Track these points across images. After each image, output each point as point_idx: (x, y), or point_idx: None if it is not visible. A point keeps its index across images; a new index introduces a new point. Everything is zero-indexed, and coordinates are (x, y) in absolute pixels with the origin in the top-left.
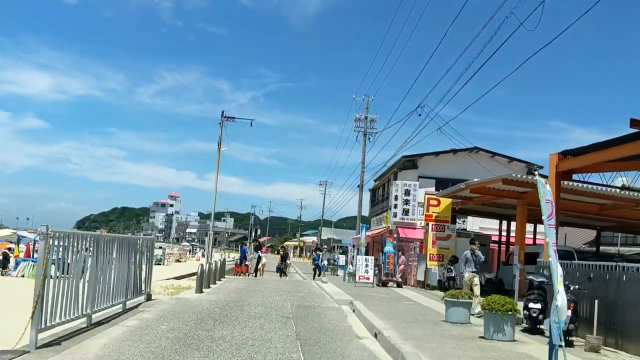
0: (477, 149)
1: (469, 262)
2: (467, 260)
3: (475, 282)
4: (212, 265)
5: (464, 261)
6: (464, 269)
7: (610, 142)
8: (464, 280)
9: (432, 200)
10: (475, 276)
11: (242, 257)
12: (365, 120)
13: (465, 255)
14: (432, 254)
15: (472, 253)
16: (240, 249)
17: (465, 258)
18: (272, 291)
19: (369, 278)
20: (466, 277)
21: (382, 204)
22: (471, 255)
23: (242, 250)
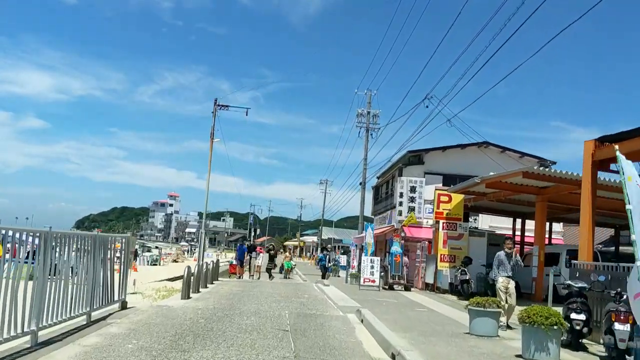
0: (487, 143)
1: (502, 265)
2: (500, 262)
3: (511, 289)
4: (204, 266)
5: (496, 264)
6: (497, 273)
7: None
8: (498, 287)
9: (442, 197)
10: (511, 282)
11: (240, 257)
12: (367, 116)
13: (498, 257)
14: (443, 254)
15: (506, 254)
16: (238, 248)
17: (498, 260)
18: (269, 296)
19: (374, 281)
20: (500, 283)
21: (385, 202)
22: (506, 257)
23: (240, 249)
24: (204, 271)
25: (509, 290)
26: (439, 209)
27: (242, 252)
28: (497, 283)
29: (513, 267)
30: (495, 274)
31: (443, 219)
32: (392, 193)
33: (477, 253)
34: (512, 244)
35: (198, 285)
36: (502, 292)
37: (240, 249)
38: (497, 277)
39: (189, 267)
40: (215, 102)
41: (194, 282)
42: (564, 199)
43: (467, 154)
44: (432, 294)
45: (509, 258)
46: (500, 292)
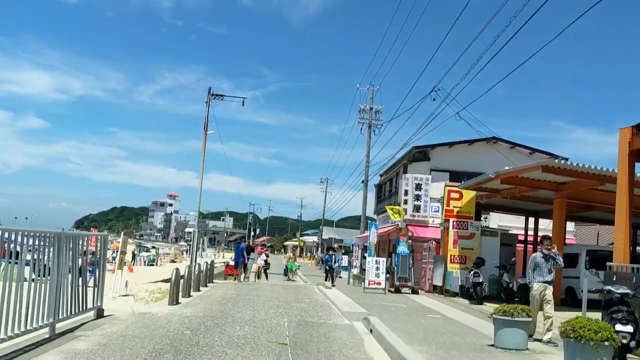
0: (496, 139)
1: (539, 268)
2: (536, 265)
3: (549, 296)
4: (196, 268)
5: (532, 267)
6: (532, 278)
7: None
8: (532, 294)
9: (453, 193)
10: (549, 288)
11: (239, 257)
12: (370, 112)
13: (534, 260)
14: (453, 255)
15: (544, 256)
16: (236, 247)
17: (534, 263)
18: (267, 301)
19: (380, 283)
20: (535, 290)
21: (389, 200)
22: (543, 258)
23: (238, 249)
24: (195, 273)
25: (546, 297)
26: (449, 207)
27: (240, 253)
28: (531, 290)
29: (551, 271)
30: (530, 279)
31: (453, 217)
32: (396, 191)
33: (489, 254)
34: (551, 244)
35: (189, 289)
36: (536, 302)
37: (237, 249)
38: (532, 283)
39: (177, 269)
40: (209, 91)
41: (185, 285)
42: (583, 196)
43: (475, 150)
44: (442, 298)
45: (547, 260)
46: (534, 301)
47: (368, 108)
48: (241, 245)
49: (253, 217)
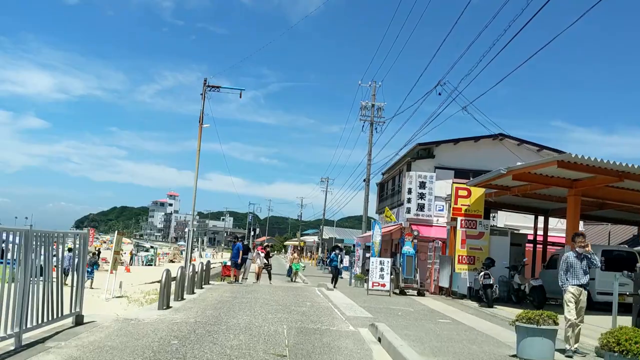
0: (502, 135)
1: (572, 269)
2: (569, 266)
3: (583, 302)
4: (190, 269)
5: (564, 268)
6: (565, 281)
7: None
8: (566, 299)
9: (461, 191)
10: (583, 292)
11: (235, 257)
12: (372, 109)
13: (567, 260)
14: (461, 255)
15: (577, 255)
16: (233, 247)
17: (567, 263)
18: (265, 304)
19: (384, 285)
20: (569, 294)
21: (391, 199)
22: (576, 258)
23: (235, 248)
24: (189, 274)
25: (580, 303)
26: (456, 205)
27: (237, 252)
28: (564, 294)
29: (586, 272)
30: (563, 282)
31: (461, 216)
32: (400, 189)
33: (499, 254)
34: (584, 241)
35: (182, 292)
36: (572, 304)
37: (234, 249)
38: (565, 286)
39: (167, 270)
40: (205, 82)
41: (177, 287)
42: (597, 193)
43: (481, 147)
44: (449, 300)
45: (581, 260)
46: (568, 306)
47: (370, 105)
48: (237, 244)
49: (253, 216)
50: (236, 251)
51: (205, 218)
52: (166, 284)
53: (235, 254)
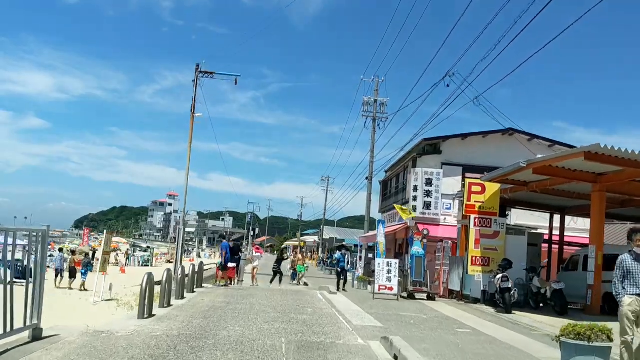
0: (512, 130)
1: (631, 275)
2: (627, 272)
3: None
4: (179, 272)
5: (619, 274)
6: (621, 291)
7: None
8: (622, 312)
9: (474, 186)
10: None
11: (225, 257)
12: (374, 104)
13: (623, 264)
14: (475, 256)
15: (636, 258)
16: (220, 246)
17: (624, 268)
18: (261, 312)
19: (392, 288)
20: (626, 306)
21: (395, 197)
22: (635, 261)
23: (222, 248)
24: (178, 277)
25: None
26: (469, 201)
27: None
28: (621, 305)
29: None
30: (619, 291)
31: (475, 214)
32: (404, 187)
33: (515, 255)
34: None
35: (168, 297)
36: (628, 320)
37: (222, 248)
38: (621, 296)
39: (149, 273)
40: (197, 68)
41: (162, 292)
42: (622, 188)
43: (490, 143)
44: (462, 305)
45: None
46: (625, 320)
47: (372, 100)
48: (223, 243)
49: (252, 216)
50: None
51: (205, 218)
52: (149, 288)
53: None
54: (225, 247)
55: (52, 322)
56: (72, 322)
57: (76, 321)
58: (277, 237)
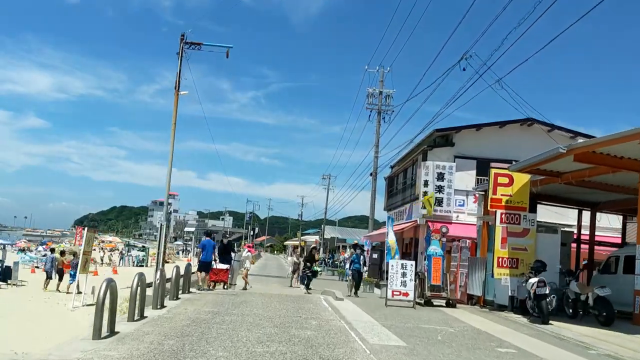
0: (532, 120)
1: None
2: None
3: None
4: (157, 276)
5: None
6: None
7: None
8: None
9: (501, 177)
10: None
11: (207, 257)
12: (379, 96)
13: None
14: (502, 257)
15: None
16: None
17: None
18: (254, 326)
19: (407, 294)
20: None
21: (403, 194)
22: None
23: (203, 246)
24: (156, 282)
25: None
26: (495, 195)
27: (208, 250)
28: None
29: None
30: None
31: (501, 209)
32: (413, 182)
33: (547, 255)
34: None
35: (141, 307)
36: None
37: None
38: None
39: (109, 280)
40: (182, 38)
41: (132, 302)
42: None
43: (506, 134)
44: (487, 313)
45: None
46: None
47: (377, 92)
48: (203, 240)
49: (252, 215)
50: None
51: (205, 217)
52: (109, 299)
53: (207, 252)
54: (206, 245)
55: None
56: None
57: (37, 333)
58: (277, 236)
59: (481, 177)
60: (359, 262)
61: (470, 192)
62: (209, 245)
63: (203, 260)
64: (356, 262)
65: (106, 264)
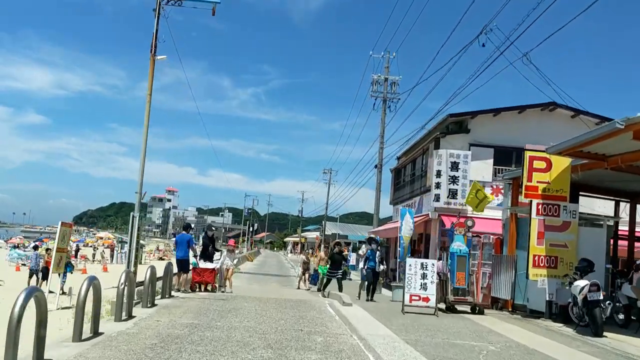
0: (554, 105)
1: None
2: None
3: None
4: (122, 279)
5: None
6: None
7: None
8: None
9: (537, 162)
10: None
11: (182, 255)
12: (385, 83)
13: None
14: (538, 255)
15: None
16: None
17: None
18: (242, 347)
19: (428, 299)
20: None
21: (411, 186)
22: None
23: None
24: (119, 287)
25: None
26: (530, 182)
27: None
28: None
29: None
30: None
31: (538, 198)
32: (422, 174)
33: (591, 253)
34: None
35: (95, 322)
36: None
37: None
38: None
39: (36, 289)
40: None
41: (79, 316)
42: None
43: (527, 119)
44: (522, 321)
45: None
46: None
47: (382, 79)
48: (178, 235)
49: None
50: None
51: (204, 214)
52: (16, 315)
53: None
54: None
55: None
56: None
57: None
58: (277, 233)
59: (499, 166)
60: (375, 261)
61: (487, 183)
62: (181, 240)
63: (178, 258)
64: (371, 260)
65: (97, 261)
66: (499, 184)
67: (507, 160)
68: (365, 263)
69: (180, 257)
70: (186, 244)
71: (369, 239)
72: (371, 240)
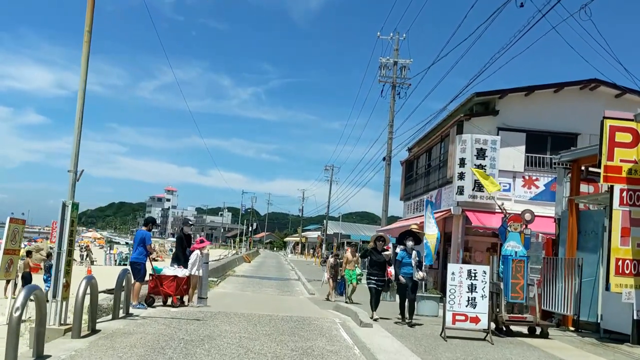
0: (597, 82)
1: None
2: None
3: None
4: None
5: None
6: None
7: None
8: None
9: (620, 133)
10: None
11: (134, 257)
12: (394, 67)
13: None
14: (623, 259)
15: None
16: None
17: None
18: None
19: (478, 319)
20: None
21: (426, 179)
22: None
23: (137, 240)
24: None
25: None
26: (612, 161)
27: (138, 249)
28: None
29: None
30: None
31: (622, 183)
32: (440, 165)
33: None
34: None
35: None
36: None
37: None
38: None
39: None
40: None
41: None
42: None
43: (564, 99)
44: (603, 348)
45: None
46: None
47: (392, 63)
48: (139, 231)
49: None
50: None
51: (204, 213)
52: None
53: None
54: (135, 239)
55: None
56: None
57: None
58: (277, 233)
59: (531, 154)
60: (412, 264)
61: (518, 173)
62: (136, 238)
63: (130, 260)
64: (407, 265)
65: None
66: (532, 174)
67: (541, 148)
68: (398, 268)
69: (132, 260)
70: (141, 242)
71: (403, 233)
72: (407, 235)
